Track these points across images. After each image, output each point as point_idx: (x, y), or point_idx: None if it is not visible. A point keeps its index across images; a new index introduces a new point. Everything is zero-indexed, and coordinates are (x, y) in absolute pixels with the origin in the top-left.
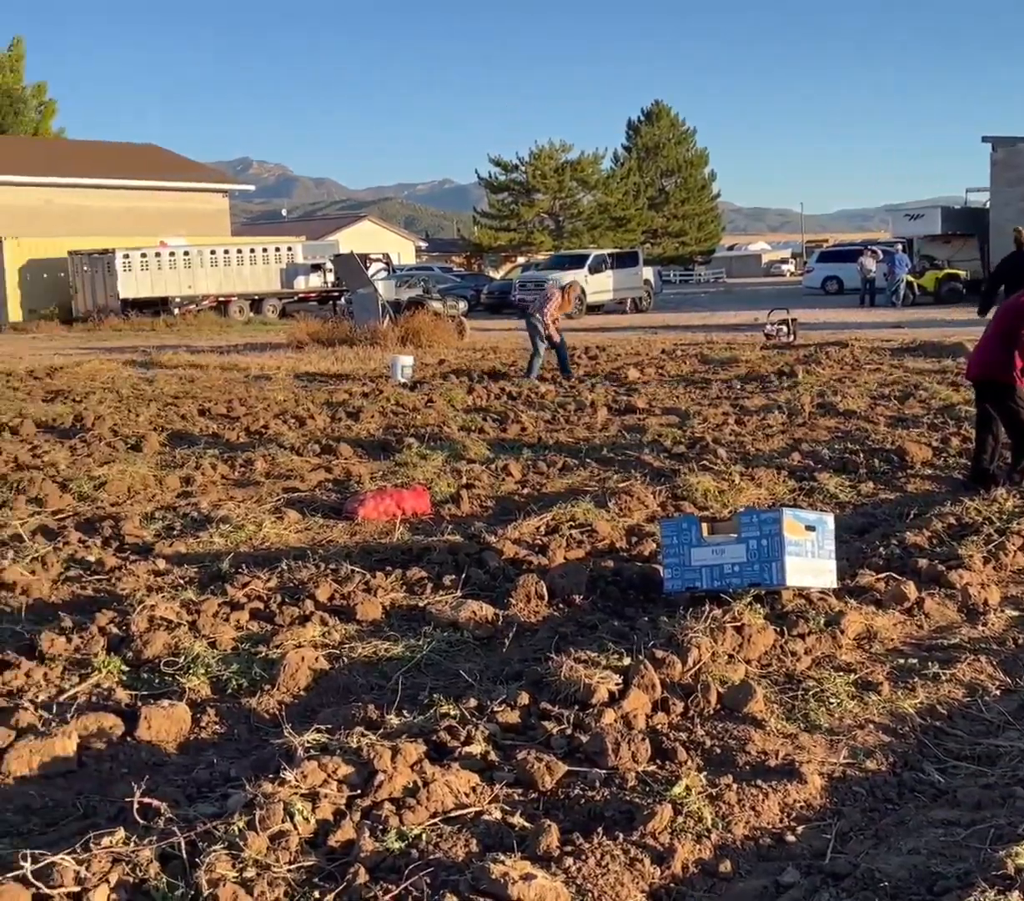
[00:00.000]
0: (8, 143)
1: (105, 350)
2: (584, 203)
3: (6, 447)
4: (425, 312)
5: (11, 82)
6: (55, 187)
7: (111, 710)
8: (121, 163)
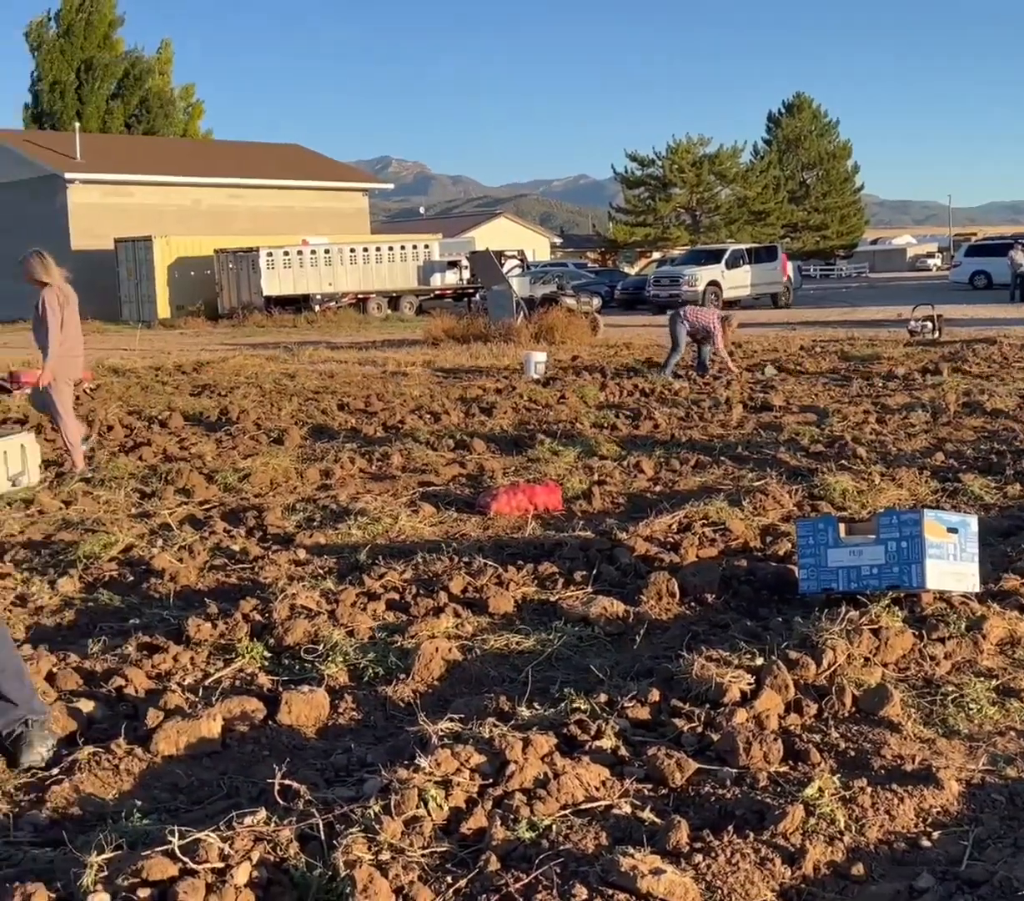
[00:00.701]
0: (159, 144)
1: (249, 346)
2: (722, 197)
3: (156, 439)
4: (559, 308)
5: (161, 85)
6: (203, 187)
7: (254, 694)
8: (266, 163)
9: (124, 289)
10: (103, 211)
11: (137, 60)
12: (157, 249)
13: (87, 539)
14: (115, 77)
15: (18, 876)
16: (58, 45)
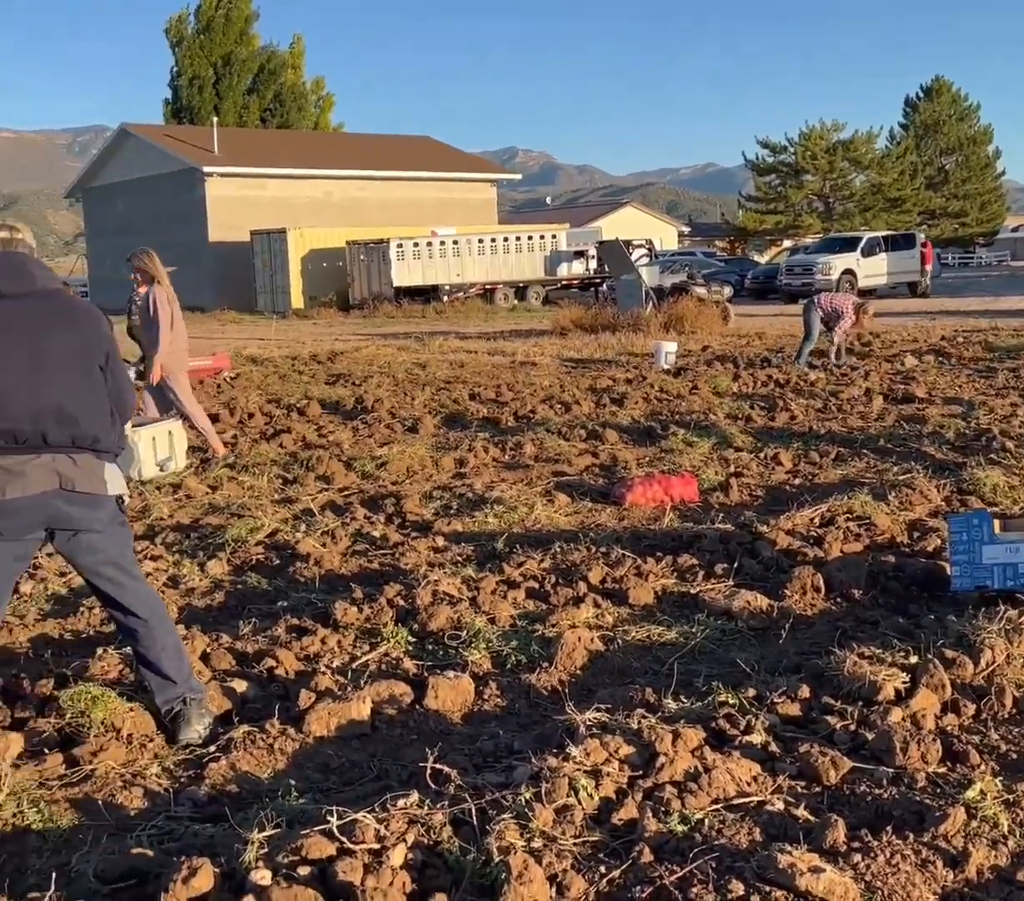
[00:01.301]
0: (292, 138)
1: (380, 336)
2: (856, 184)
3: (296, 427)
4: (689, 298)
5: (294, 79)
6: (334, 179)
7: (400, 678)
8: (395, 155)
9: (259, 280)
10: (239, 204)
11: (272, 55)
12: (291, 241)
13: (234, 523)
14: (251, 72)
15: (181, 850)
16: (197, 41)
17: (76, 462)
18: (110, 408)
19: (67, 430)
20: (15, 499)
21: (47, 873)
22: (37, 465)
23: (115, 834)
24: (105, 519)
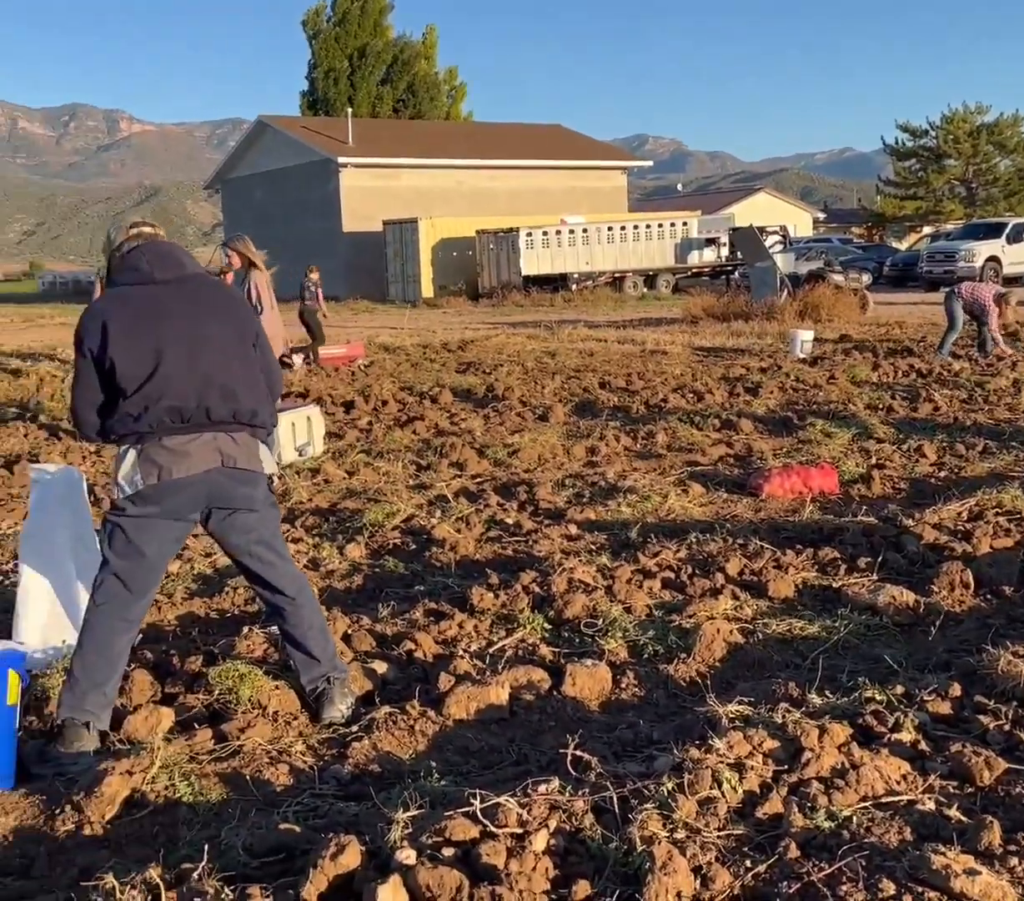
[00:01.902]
0: (424, 128)
1: (509, 325)
2: (1001, 169)
3: (428, 414)
4: (825, 285)
5: (426, 69)
6: (465, 169)
7: (536, 665)
8: (526, 144)
9: (391, 269)
10: (372, 194)
11: (405, 45)
12: (422, 230)
13: (370, 508)
14: (385, 63)
15: (326, 827)
16: (333, 33)
17: (236, 440)
18: (263, 384)
19: (229, 405)
20: (181, 478)
21: (198, 845)
22: (200, 444)
23: (262, 809)
24: (261, 498)
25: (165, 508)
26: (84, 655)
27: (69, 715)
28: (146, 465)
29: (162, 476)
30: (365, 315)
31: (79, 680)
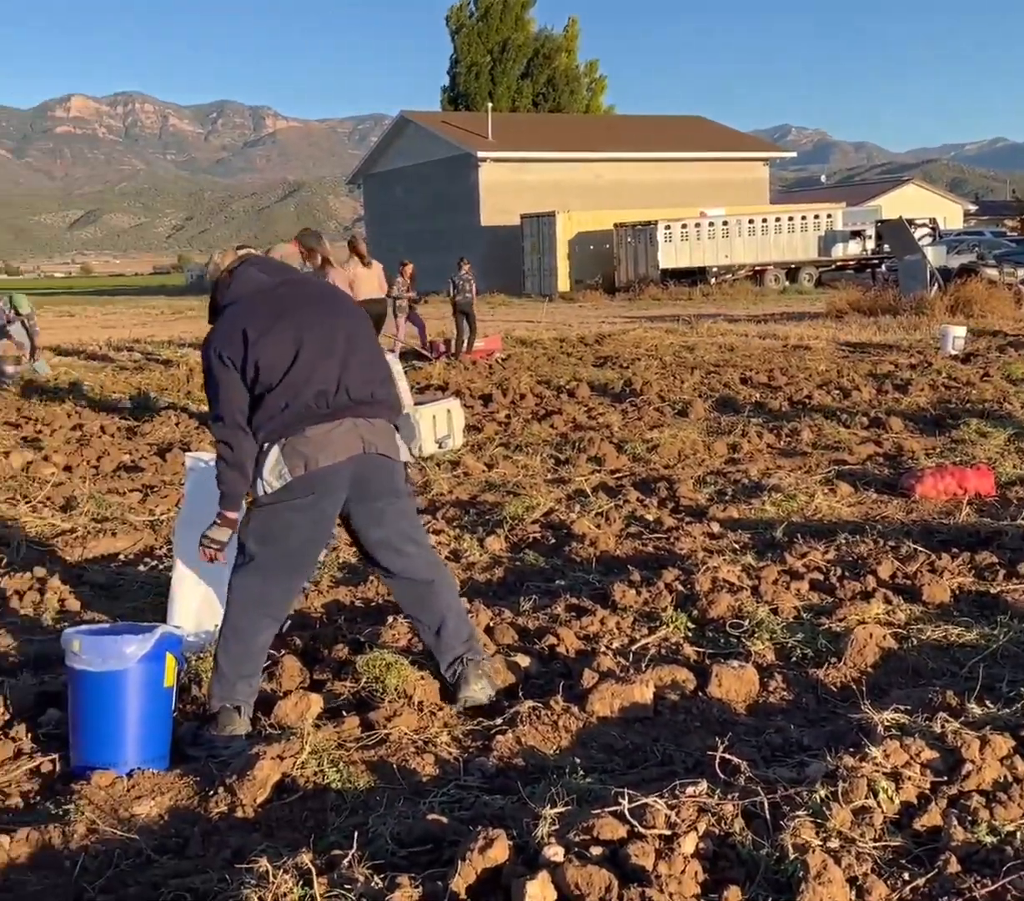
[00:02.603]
0: (563, 121)
1: (646, 319)
2: None
3: (566, 408)
4: (978, 280)
5: (567, 62)
6: (604, 162)
7: (680, 664)
8: (666, 136)
9: (527, 263)
10: (510, 188)
11: (547, 39)
12: (559, 224)
13: (510, 501)
14: (526, 57)
15: (473, 819)
16: (476, 28)
17: (375, 426)
18: (387, 369)
19: (368, 386)
20: (326, 466)
21: (347, 832)
22: (343, 432)
23: (409, 798)
24: (400, 486)
25: (312, 499)
26: (228, 648)
27: (221, 704)
28: (291, 458)
29: (308, 466)
30: (502, 309)
31: (226, 673)
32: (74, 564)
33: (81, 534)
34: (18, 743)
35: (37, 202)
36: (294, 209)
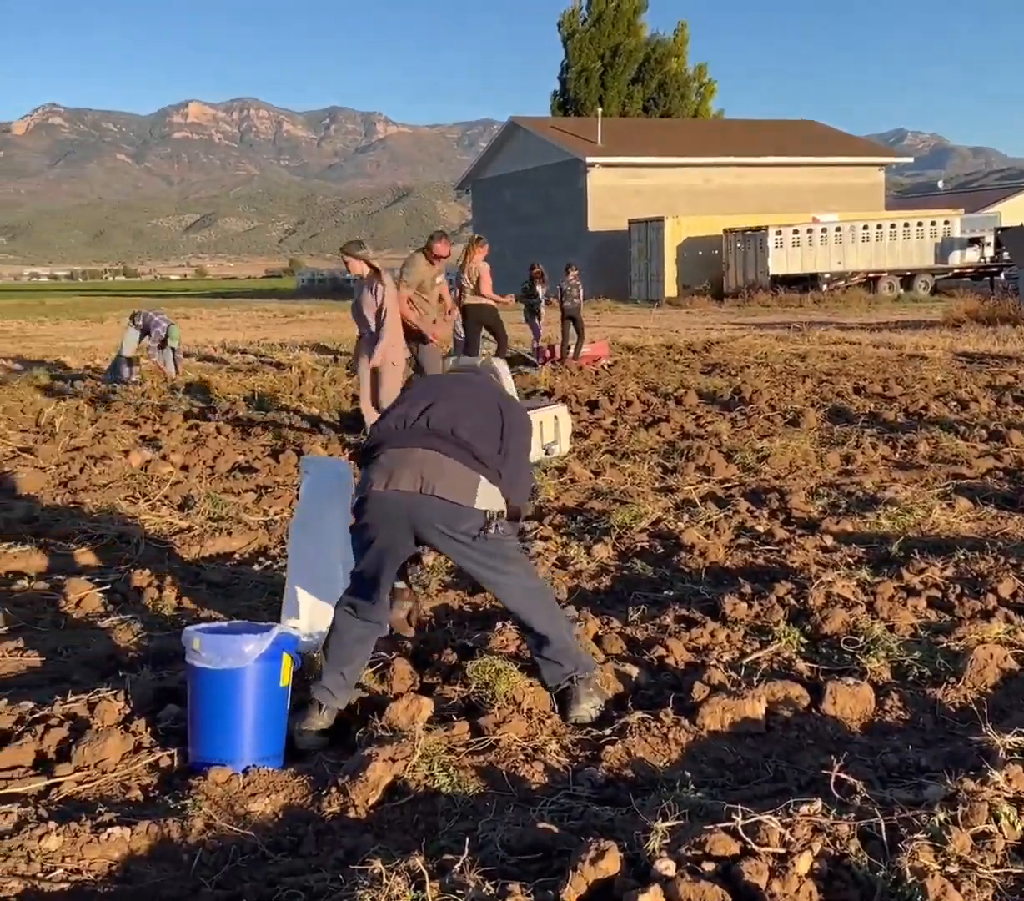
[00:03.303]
0: (672, 126)
1: (755, 326)
2: None
3: (673, 416)
4: None
5: (677, 67)
6: (713, 167)
7: (793, 680)
8: (776, 140)
9: (634, 268)
10: (618, 193)
11: (658, 44)
12: (668, 229)
13: (617, 509)
14: (636, 62)
15: (582, 829)
16: (587, 34)
17: (443, 466)
18: (500, 433)
19: (451, 423)
20: (379, 492)
21: (457, 836)
22: (408, 462)
23: (518, 806)
24: (464, 530)
25: (371, 520)
26: (328, 638)
27: (311, 695)
28: (363, 476)
29: (369, 488)
30: (608, 314)
31: (323, 659)
32: (191, 562)
33: (198, 533)
34: (138, 737)
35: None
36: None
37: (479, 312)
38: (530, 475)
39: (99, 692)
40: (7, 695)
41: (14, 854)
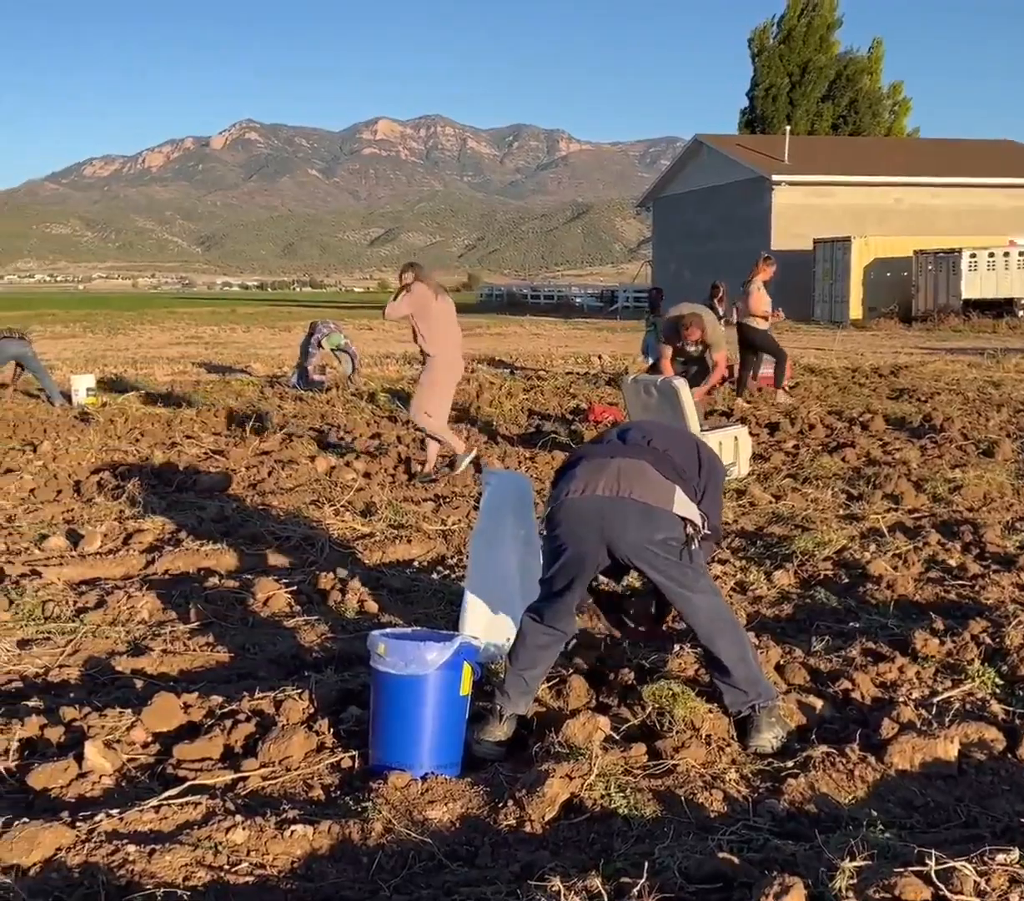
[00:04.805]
0: (862, 144)
1: (946, 350)
2: None
3: (859, 441)
4: None
5: (870, 84)
6: (905, 186)
7: (988, 722)
8: (972, 160)
9: (818, 289)
10: (804, 212)
11: (850, 61)
12: (855, 250)
13: (799, 535)
14: (827, 79)
15: (763, 862)
16: (777, 50)
17: (642, 471)
18: (698, 466)
19: (646, 439)
20: (575, 498)
21: (633, 859)
22: (606, 471)
23: (696, 833)
24: (659, 537)
25: (564, 526)
26: (513, 644)
27: (492, 700)
28: (559, 486)
29: (565, 495)
30: (788, 335)
31: (508, 663)
32: (372, 567)
33: (379, 539)
34: (321, 737)
35: (342, 220)
36: (581, 230)
37: (749, 331)
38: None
39: (285, 690)
40: (198, 688)
41: (202, 844)
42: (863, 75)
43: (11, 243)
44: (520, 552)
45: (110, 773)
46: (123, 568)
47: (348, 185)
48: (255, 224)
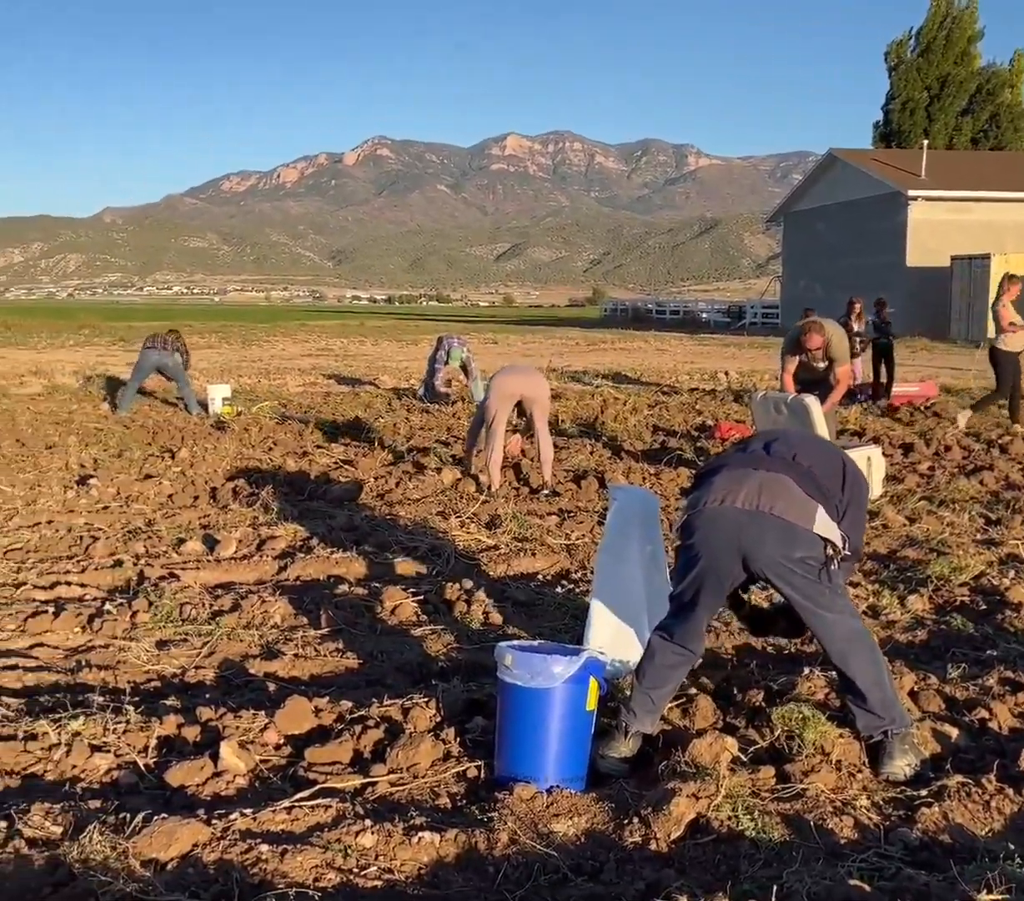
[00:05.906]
0: (1003, 159)
1: None
2: None
3: (998, 464)
4: None
5: (1011, 98)
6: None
7: None
8: None
9: (955, 307)
10: (941, 228)
11: (992, 74)
12: (994, 267)
13: (934, 559)
14: (967, 92)
15: (895, 891)
16: (915, 63)
17: (785, 486)
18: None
19: (791, 453)
20: (712, 507)
21: (760, 882)
22: (747, 483)
23: (825, 859)
24: (797, 555)
25: (700, 537)
26: (641, 662)
27: (618, 717)
28: (696, 495)
29: (703, 505)
30: (923, 354)
31: (635, 681)
32: (497, 579)
33: (504, 551)
34: (448, 746)
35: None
36: (708, 246)
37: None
38: (865, 527)
39: (412, 698)
40: (328, 693)
41: (332, 847)
42: (1004, 88)
43: (151, 256)
44: (647, 568)
45: (244, 773)
46: (257, 573)
47: (476, 200)
48: (384, 239)
